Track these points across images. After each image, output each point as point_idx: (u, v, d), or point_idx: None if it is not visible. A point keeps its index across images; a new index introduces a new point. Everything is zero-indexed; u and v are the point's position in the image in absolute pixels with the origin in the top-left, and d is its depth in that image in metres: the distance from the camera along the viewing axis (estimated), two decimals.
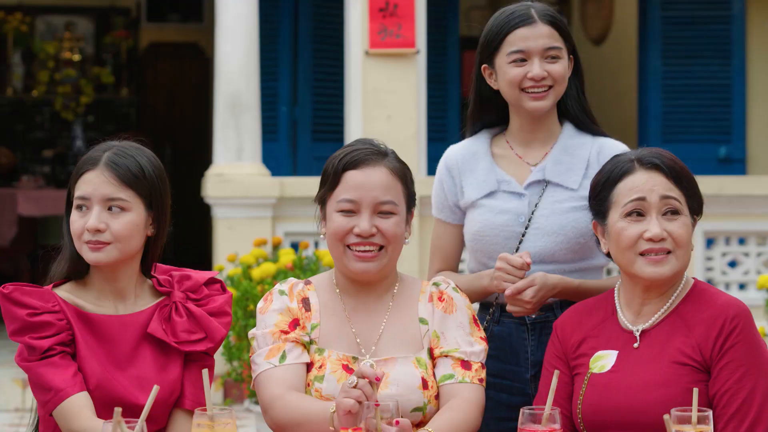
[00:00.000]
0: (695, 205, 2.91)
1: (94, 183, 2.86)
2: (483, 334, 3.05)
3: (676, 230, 2.85)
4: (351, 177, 2.96)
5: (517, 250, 3.30)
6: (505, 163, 3.39)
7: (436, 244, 3.51)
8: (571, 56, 3.35)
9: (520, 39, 3.29)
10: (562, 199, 3.30)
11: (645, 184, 2.87)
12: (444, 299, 3.04)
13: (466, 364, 2.98)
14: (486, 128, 3.45)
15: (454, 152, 3.46)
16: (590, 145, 3.36)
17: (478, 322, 3.08)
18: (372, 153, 2.98)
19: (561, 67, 3.30)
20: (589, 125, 3.39)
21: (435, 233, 3.51)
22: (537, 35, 3.28)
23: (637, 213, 2.87)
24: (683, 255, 2.86)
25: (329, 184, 2.99)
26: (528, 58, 3.28)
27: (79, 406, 2.78)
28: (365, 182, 2.95)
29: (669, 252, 2.85)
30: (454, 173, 3.43)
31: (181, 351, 2.92)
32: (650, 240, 2.84)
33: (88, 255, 2.87)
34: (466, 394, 2.94)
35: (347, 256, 2.96)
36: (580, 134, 3.38)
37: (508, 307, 3.24)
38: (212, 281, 3.02)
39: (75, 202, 2.88)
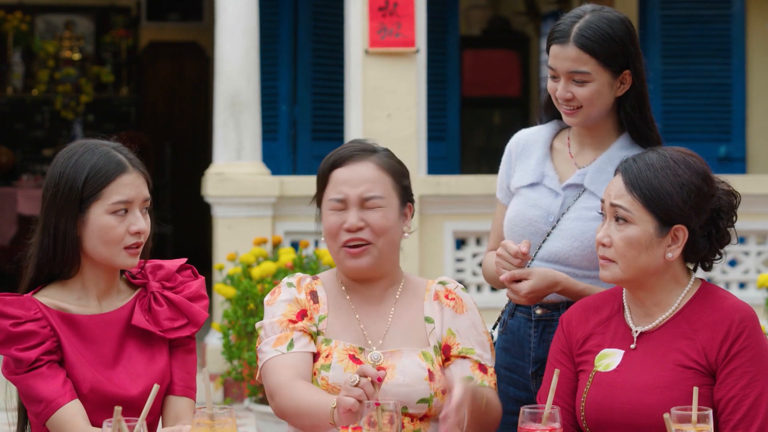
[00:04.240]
0: (665, 216, 2.81)
1: (135, 186, 2.85)
2: (489, 336, 3.08)
3: (616, 237, 2.83)
4: (338, 175, 3.02)
5: (539, 248, 3.30)
6: (559, 158, 3.37)
7: (493, 225, 3.52)
8: (627, 70, 3.21)
9: (552, 55, 3.22)
10: (591, 207, 3.25)
11: (608, 190, 2.87)
12: (453, 298, 3.06)
13: (483, 368, 3.01)
14: (558, 119, 3.39)
15: (519, 136, 3.46)
16: None
17: (485, 324, 3.10)
18: (358, 150, 3.04)
19: (587, 91, 3.19)
20: (646, 141, 3.27)
21: (495, 214, 3.52)
22: (563, 57, 3.19)
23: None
24: (623, 263, 2.83)
25: (320, 184, 3.06)
26: (557, 75, 3.23)
27: (71, 414, 2.77)
28: (350, 178, 3.01)
29: (609, 259, 2.84)
30: (512, 156, 3.44)
31: (165, 339, 2.92)
32: (602, 244, 2.85)
33: (127, 260, 2.86)
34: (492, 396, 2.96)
35: (341, 254, 3.01)
36: (634, 148, 3.27)
37: (507, 292, 3.26)
38: (183, 268, 3.03)
39: (111, 207, 2.83)
